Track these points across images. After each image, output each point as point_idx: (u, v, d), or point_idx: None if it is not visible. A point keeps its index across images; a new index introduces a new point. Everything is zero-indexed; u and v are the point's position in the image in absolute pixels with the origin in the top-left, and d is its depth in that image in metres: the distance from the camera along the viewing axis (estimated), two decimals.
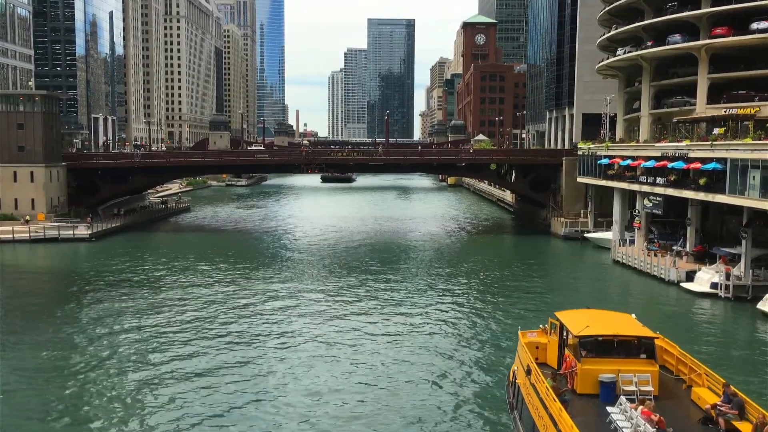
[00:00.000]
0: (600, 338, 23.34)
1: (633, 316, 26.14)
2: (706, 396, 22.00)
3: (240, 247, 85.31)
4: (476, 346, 42.40)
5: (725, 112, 64.07)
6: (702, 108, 68.50)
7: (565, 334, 25.11)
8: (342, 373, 36.67)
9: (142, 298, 54.32)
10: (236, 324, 46.38)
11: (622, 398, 21.56)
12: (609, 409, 21.30)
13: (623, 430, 19.84)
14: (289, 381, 35.56)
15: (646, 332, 24.01)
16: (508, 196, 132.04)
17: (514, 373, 27.68)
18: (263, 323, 46.80)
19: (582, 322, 24.33)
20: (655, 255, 65.52)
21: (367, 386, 34.80)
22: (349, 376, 36.23)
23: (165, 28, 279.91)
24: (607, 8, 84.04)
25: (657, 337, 24.49)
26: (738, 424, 19.79)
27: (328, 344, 41.82)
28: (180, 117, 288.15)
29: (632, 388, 22.14)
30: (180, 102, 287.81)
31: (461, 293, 57.55)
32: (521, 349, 27.14)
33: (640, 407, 20.33)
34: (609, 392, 22.24)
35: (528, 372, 24.57)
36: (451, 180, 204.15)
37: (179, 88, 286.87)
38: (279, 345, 41.71)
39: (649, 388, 22.31)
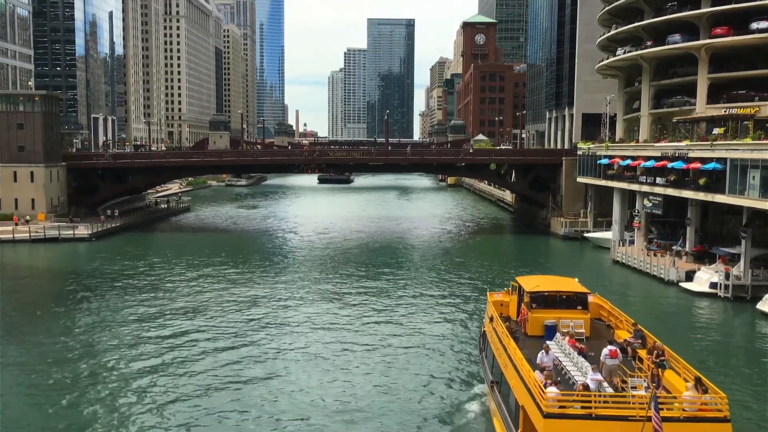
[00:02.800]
0: (546, 294, 29.99)
1: (576, 279, 32.12)
2: (623, 335, 28.57)
3: (240, 247, 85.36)
4: (468, 330, 43.79)
5: (725, 111, 64.10)
6: (702, 108, 68.56)
7: (521, 292, 31.29)
8: (344, 369, 36.81)
9: (142, 297, 54.37)
10: (236, 324, 46.40)
11: (558, 334, 28.24)
12: (548, 342, 27.35)
13: (554, 352, 26.19)
14: (289, 377, 35.65)
15: (582, 290, 30.63)
16: (507, 196, 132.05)
17: (483, 327, 34.06)
18: (263, 322, 46.83)
19: (534, 283, 31.33)
20: (655, 255, 65.56)
21: (368, 374, 35.15)
22: (350, 373, 36.36)
23: (165, 28, 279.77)
24: (607, 8, 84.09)
25: (590, 293, 31.11)
26: (640, 351, 26.11)
27: (331, 339, 42.04)
28: (180, 117, 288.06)
29: (569, 330, 28.49)
30: (180, 102, 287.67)
31: (460, 291, 57.56)
32: (489, 306, 33.19)
33: (567, 337, 27.41)
34: (551, 333, 28.58)
35: (491, 320, 31.15)
36: (450, 180, 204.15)
37: (179, 88, 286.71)
38: (279, 341, 41.83)
39: (582, 330, 28.86)
